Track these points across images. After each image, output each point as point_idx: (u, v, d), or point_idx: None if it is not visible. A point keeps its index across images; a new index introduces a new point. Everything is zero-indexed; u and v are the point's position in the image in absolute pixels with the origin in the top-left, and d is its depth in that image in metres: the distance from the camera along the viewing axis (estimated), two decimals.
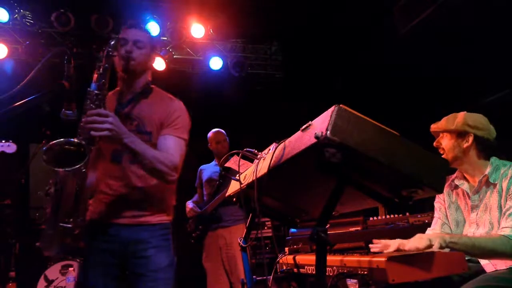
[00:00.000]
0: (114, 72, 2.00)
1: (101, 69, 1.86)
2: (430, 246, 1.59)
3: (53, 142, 1.72)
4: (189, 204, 3.90)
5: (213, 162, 4.02)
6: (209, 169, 3.97)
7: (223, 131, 4.01)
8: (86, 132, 1.74)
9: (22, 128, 4.50)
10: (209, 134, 4.02)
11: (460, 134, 2.03)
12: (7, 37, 5.13)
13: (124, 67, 1.99)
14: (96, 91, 1.83)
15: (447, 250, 1.68)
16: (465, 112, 2.08)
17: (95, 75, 1.86)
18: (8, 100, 1.49)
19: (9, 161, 5.70)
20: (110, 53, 1.89)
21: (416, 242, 1.60)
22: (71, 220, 1.81)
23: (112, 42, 1.90)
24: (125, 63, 1.98)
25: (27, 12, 5.05)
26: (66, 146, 1.71)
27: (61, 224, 1.80)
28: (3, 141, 3.29)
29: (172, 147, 2.00)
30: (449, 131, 2.06)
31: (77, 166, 1.70)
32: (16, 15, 5.01)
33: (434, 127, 2.14)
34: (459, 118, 2.04)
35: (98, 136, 1.75)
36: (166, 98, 2.17)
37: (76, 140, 1.72)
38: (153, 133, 2.03)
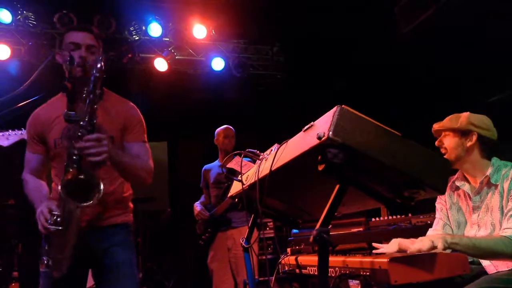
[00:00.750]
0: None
1: (91, 95, 1.81)
2: (434, 247, 1.59)
3: (70, 176, 1.74)
4: (197, 207, 3.87)
5: (217, 162, 3.99)
6: (214, 170, 3.92)
7: (233, 128, 3.99)
8: (81, 158, 1.75)
9: (25, 128, 4.51)
10: (218, 129, 3.97)
11: (464, 133, 2.03)
12: (10, 38, 5.14)
13: (81, 76, 1.92)
14: (89, 117, 1.80)
15: (448, 251, 1.68)
16: (468, 112, 2.08)
17: (85, 100, 1.81)
18: (11, 100, 1.50)
19: (12, 161, 5.73)
20: (101, 76, 1.86)
21: (419, 245, 1.60)
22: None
23: (99, 65, 1.85)
24: (81, 69, 1.93)
25: (30, 13, 5.06)
26: (81, 177, 1.73)
27: (73, 245, 1.84)
28: (22, 128, 3.34)
29: (143, 153, 2.09)
30: (453, 130, 2.05)
31: (95, 200, 1.74)
32: (19, 16, 5.03)
33: (436, 126, 2.13)
34: (463, 117, 2.04)
35: (98, 161, 1.77)
36: (121, 101, 2.19)
37: (90, 173, 1.75)
38: (115, 137, 2.05)
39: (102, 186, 1.75)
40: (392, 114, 3.62)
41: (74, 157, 1.74)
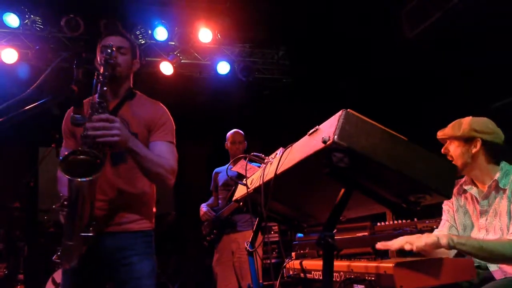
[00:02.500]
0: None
1: (100, 77, 1.86)
2: (438, 243, 1.57)
3: (69, 152, 1.73)
4: (203, 208, 3.88)
5: (228, 165, 4.00)
6: (224, 173, 3.93)
7: (242, 132, 3.97)
8: (93, 139, 1.73)
9: (32, 131, 4.55)
10: (228, 133, 4.00)
11: (467, 140, 2.00)
12: (18, 42, 5.20)
13: (110, 74, 1.97)
14: (98, 99, 1.84)
15: (453, 252, 1.67)
16: (471, 117, 2.05)
17: (96, 83, 1.86)
18: (18, 104, 1.51)
19: (18, 164, 5.77)
20: (109, 61, 1.90)
21: (424, 238, 1.58)
22: (91, 228, 1.82)
23: (109, 50, 1.91)
24: (111, 70, 1.97)
25: (37, 18, 5.11)
26: (82, 156, 1.71)
27: (81, 234, 1.80)
28: None
29: (166, 152, 2.05)
30: (456, 138, 2.03)
31: (94, 176, 1.70)
32: (27, 21, 5.08)
33: (440, 134, 2.11)
34: (465, 124, 2.01)
35: (108, 142, 1.76)
36: (150, 102, 2.20)
37: (90, 150, 1.72)
38: (140, 135, 2.03)
39: (104, 164, 1.71)
40: (397, 118, 3.60)
41: (89, 141, 1.74)
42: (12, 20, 4.99)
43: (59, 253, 1.85)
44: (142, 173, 1.98)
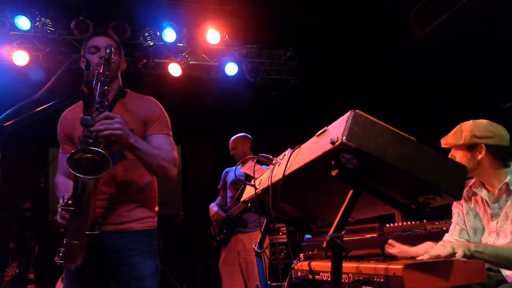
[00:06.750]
0: None
1: (101, 76, 1.87)
2: (453, 254, 1.56)
3: (77, 149, 1.75)
4: (214, 208, 3.89)
5: (237, 165, 4.04)
6: (233, 172, 3.97)
7: (237, 137, 4.00)
8: (96, 134, 1.75)
9: (42, 132, 4.60)
10: None
11: (471, 147, 1.96)
12: (29, 45, 5.26)
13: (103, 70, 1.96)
14: (99, 98, 1.85)
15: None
16: (471, 121, 2.00)
17: (96, 83, 1.87)
18: (29, 105, 1.53)
19: (29, 165, 5.84)
20: (109, 60, 1.91)
21: (438, 250, 1.57)
22: (96, 227, 1.84)
23: (108, 50, 1.91)
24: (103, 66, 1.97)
25: (48, 20, 5.18)
26: (88, 155, 1.73)
27: (87, 233, 1.81)
28: None
29: (165, 144, 2.07)
30: (459, 146, 1.99)
31: (101, 175, 1.71)
32: (37, 23, 5.15)
33: (443, 143, 2.06)
34: (466, 131, 1.97)
35: (111, 135, 1.78)
36: (142, 98, 2.21)
37: (97, 148, 1.74)
38: (136, 131, 2.04)
39: (111, 164, 1.72)
40: (406, 119, 3.58)
41: (90, 140, 1.76)
42: (23, 22, 5.06)
43: (61, 254, 1.85)
44: (145, 168, 2.00)
